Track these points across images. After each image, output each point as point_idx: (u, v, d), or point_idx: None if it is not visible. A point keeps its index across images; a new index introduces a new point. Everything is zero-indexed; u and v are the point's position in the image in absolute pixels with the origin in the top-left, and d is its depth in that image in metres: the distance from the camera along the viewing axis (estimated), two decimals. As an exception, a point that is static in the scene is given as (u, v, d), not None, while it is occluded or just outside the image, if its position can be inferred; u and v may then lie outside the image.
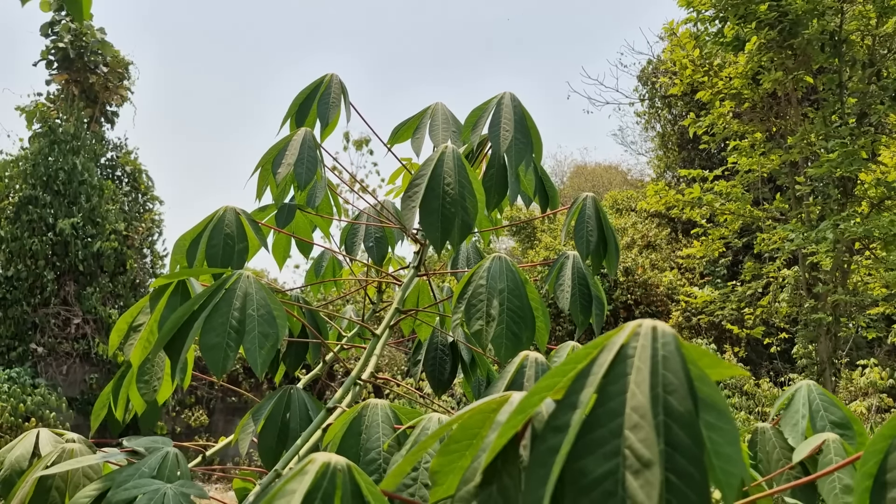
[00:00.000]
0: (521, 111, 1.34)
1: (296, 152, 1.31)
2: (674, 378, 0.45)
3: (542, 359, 0.92)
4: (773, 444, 1.05)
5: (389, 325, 1.39)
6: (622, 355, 0.48)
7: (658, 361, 0.46)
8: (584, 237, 1.35)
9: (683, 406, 0.44)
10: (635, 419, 0.44)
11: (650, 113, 14.58)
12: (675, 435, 0.43)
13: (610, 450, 0.44)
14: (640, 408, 0.44)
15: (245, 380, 10.08)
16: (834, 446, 0.89)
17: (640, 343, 0.48)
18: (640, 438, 0.43)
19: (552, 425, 0.48)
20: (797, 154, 8.23)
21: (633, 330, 0.49)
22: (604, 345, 0.50)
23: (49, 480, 1.16)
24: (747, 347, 11.00)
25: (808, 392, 1.01)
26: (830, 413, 0.99)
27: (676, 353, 0.47)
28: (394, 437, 1.03)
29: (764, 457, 1.05)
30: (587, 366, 0.49)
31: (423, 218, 1.16)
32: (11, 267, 9.90)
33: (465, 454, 0.61)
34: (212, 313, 1.06)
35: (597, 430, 0.45)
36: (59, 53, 10.88)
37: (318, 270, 1.84)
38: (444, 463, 0.62)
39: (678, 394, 0.45)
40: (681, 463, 0.42)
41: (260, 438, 1.32)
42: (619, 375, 0.47)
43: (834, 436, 0.91)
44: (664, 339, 0.48)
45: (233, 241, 1.29)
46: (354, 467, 0.63)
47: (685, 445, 0.43)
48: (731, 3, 7.83)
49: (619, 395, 0.46)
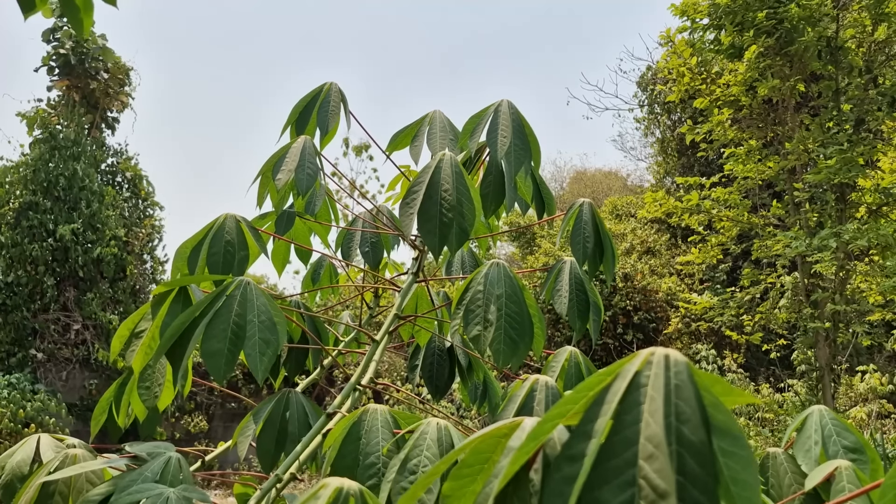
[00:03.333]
0: (519, 118, 1.35)
1: (296, 159, 1.33)
2: (686, 407, 0.46)
3: (552, 383, 0.93)
4: (785, 470, 1.05)
5: (388, 331, 1.40)
6: (635, 384, 0.48)
7: (671, 390, 0.47)
8: (580, 242, 1.37)
9: (696, 436, 0.45)
10: (650, 449, 0.44)
11: (649, 119, 14.62)
12: (688, 464, 0.43)
13: (625, 480, 0.44)
14: (654, 437, 0.45)
15: (245, 385, 10.08)
16: (847, 474, 0.89)
17: (652, 371, 0.48)
18: (656, 469, 0.43)
19: (567, 454, 0.48)
20: (794, 160, 8.25)
21: (645, 358, 0.49)
22: (617, 372, 0.50)
23: (52, 485, 1.17)
24: (747, 353, 11.00)
25: (821, 417, 1.01)
26: (843, 438, 0.99)
27: (689, 381, 0.47)
28: (393, 442, 1.05)
29: (776, 482, 1.04)
30: (600, 393, 0.50)
31: (421, 224, 1.18)
32: (11, 273, 9.91)
33: (476, 479, 0.61)
34: (213, 320, 1.08)
35: (612, 459, 0.45)
36: (60, 59, 10.91)
37: (315, 277, 1.86)
38: (456, 487, 0.62)
39: (691, 423, 0.45)
40: (692, 494, 0.43)
41: (259, 442, 1.33)
42: (633, 404, 0.47)
43: (847, 463, 0.90)
44: (676, 367, 0.48)
45: (233, 248, 1.31)
46: (366, 492, 0.64)
47: (697, 475, 0.43)
48: (727, 10, 7.87)
49: (634, 425, 0.46)
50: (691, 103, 9.59)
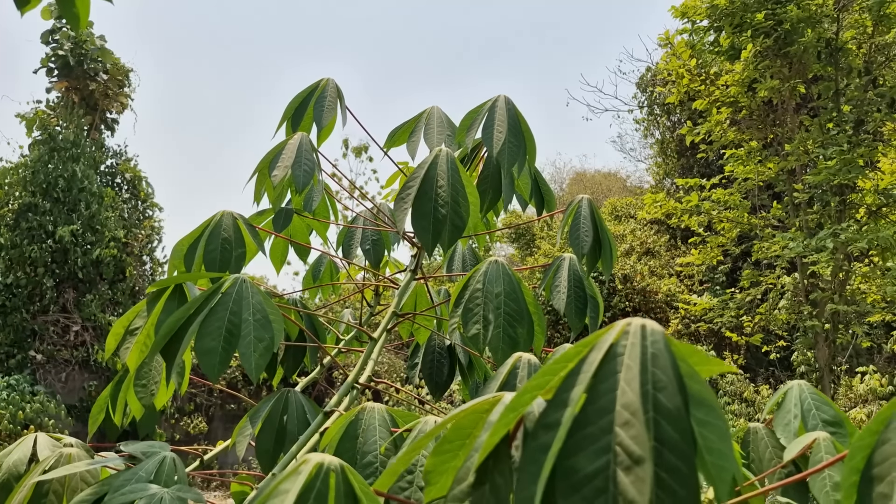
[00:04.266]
0: (515, 114, 1.35)
1: (292, 156, 1.32)
2: (663, 375, 0.46)
3: (534, 360, 0.92)
4: (766, 444, 1.05)
5: (387, 329, 1.39)
6: (612, 353, 0.48)
7: (647, 359, 0.47)
8: (579, 238, 1.36)
9: (673, 403, 0.44)
10: (626, 416, 0.44)
11: (649, 120, 14.62)
12: (665, 431, 0.43)
13: (601, 447, 0.44)
14: (630, 405, 0.45)
15: (244, 386, 10.07)
16: (825, 444, 0.89)
17: (629, 341, 0.48)
18: (631, 435, 0.43)
19: (543, 423, 0.48)
20: (794, 162, 8.25)
21: (622, 328, 0.49)
22: (594, 343, 0.50)
23: (46, 485, 1.15)
24: (746, 354, 10.99)
25: (800, 392, 1.01)
26: (822, 412, 0.99)
27: (666, 350, 0.47)
28: (390, 441, 1.04)
29: (756, 456, 1.05)
30: (577, 364, 0.50)
31: (415, 220, 1.17)
32: (11, 274, 9.90)
33: (458, 454, 0.61)
34: (208, 317, 1.07)
35: (587, 427, 0.45)
36: (59, 61, 10.91)
37: (316, 275, 1.85)
38: (438, 463, 0.62)
39: (668, 391, 0.45)
40: (670, 459, 0.42)
41: (258, 441, 1.32)
42: (610, 373, 0.47)
43: (825, 434, 0.91)
44: (653, 336, 0.48)
45: (230, 245, 1.30)
46: (348, 468, 0.64)
47: (674, 441, 0.43)
48: (726, 12, 7.87)
49: (610, 393, 0.46)
50: (690, 105, 9.59)
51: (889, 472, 0.46)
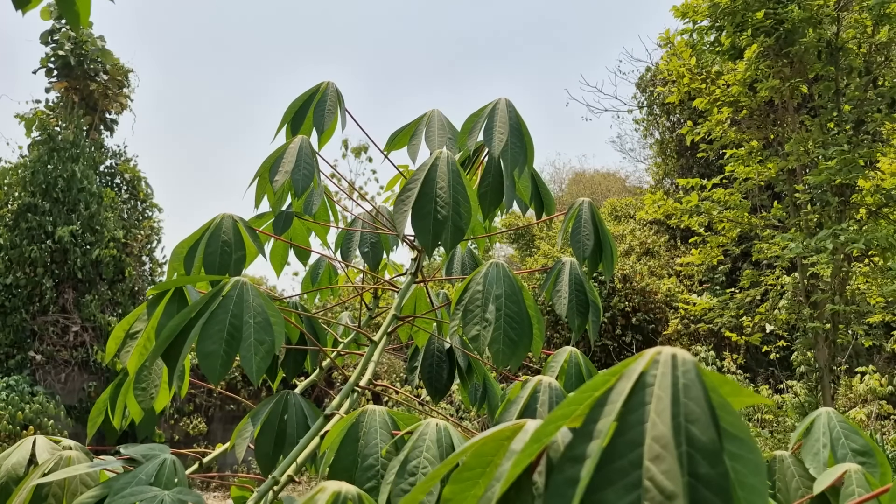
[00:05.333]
0: (517, 116, 1.34)
1: (293, 160, 1.32)
2: (696, 407, 0.44)
3: (555, 384, 0.91)
4: (793, 473, 1.03)
5: (387, 332, 1.39)
6: (641, 383, 0.47)
7: (679, 390, 0.45)
8: (580, 241, 1.36)
9: (707, 436, 0.43)
10: (657, 450, 0.43)
11: (649, 120, 14.62)
12: (699, 466, 0.42)
13: (631, 482, 0.42)
14: (661, 438, 0.43)
15: (244, 388, 10.06)
16: (856, 477, 0.87)
17: (659, 371, 0.47)
18: (663, 470, 0.42)
19: (569, 455, 0.46)
20: (794, 162, 8.24)
21: (651, 357, 0.48)
22: (622, 373, 0.49)
23: (46, 488, 1.15)
24: (746, 354, 10.99)
25: (829, 419, 1.00)
26: (851, 441, 0.98)
27: (697, 381, 0.46)
28: (392, 443, 1.03)
29: (783, 486, 1.03)
30: (604, 394, 0.48)
31: (415, 222, 1.16)
32: (10, 274, 9.89)
33: (478, 482, 0.60)
34: (208, 320, 1.06)
35: (616, 461, 0.44)
36: (58, 61, 10.90)
37: (315, 277, 1.85)
38: (457, 491, 0.61)
39: (701, 423, 0.44)
40: (705, 495, 0.41)
41: (257, 443, 1.32)
42: (639, 404, 0.46)
43: (856, 466, 0.89)
44: (684, 366, 0.47)
45: (230, 248, 1.30)
46: (365, 496, 0.63)
47: (710, 477, 0.42)
48: (727, 11, 7.87)
49: (640, 425, 0.45)
50: (691, 104, 9.59)
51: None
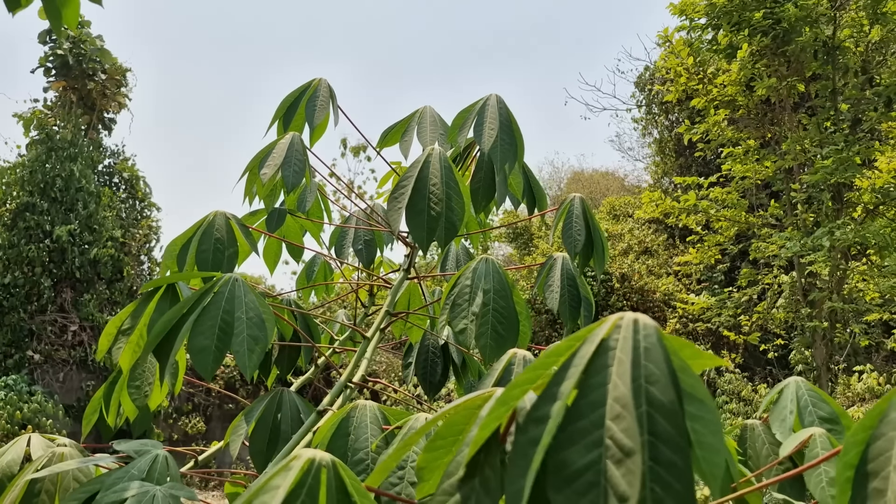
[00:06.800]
0: (507, 112, 1.35)
1: (282, 155, 1.32)
2: (656, 369, 0.45)
3: (529, 356, 0.92)
4: (763, 441, 1.05)
5: (380, 328, 1.39)
6: (604, 347, 0.48)
7: (640, 353, 0.46)
8: (571, 236, 1.37)
9: (666, 396, 0.44)
10: (617, 409, 0.44)
11: (647, 119, 14.62)
12: (659, 425, 0.43)
13: (592, 440, 0.44)
14: (622, 398, 0.44)
15: (242, 386, 10.06)
16: (821, 440, 0.89)
17: (621, 335, 0.48)
18: (623, 428, 0.43)
19: (533, 416, 0.48)
20: (791, 160, 8.25)
21: (614, 322, 0.49)
22: (585, 337, 0.50)
23: (38, 484, 1.15)
24: (744, 353, 11.00)
25: (797, 388, 1.01)
26: (818, 408, 0.98)
27: (658, 344, 0.47)
28: (382, 438, 1.04)
29: (753, 453, 1.05)
30: (569, 358, 0.49)
31: (410, 219, 1.17)
32: (8, 274, 9.89)
33: (450, 450, 0.61)
34: (201, 316, 1.07)
35: (579, 420, 0.45)
36: (56, 60, 10.90)
37: (310, 275, 1.85)
38: (430, 459, 0.62)
39: (661, 384, 0.45)
40: (665, 452, 0.42)
41: (251, 441, 1.32)
42: (601, 367, 0.47)
43: (821, 430, 0.90)
44: (646, 330, 0.48)
45: (223, 245, 1.30)
46: (339, 463, 0.64)
47: (669, 435, 0.43)
48: (724, 10, 7.87)
49: (601, 387, 0.46)
50: (689, 103, 9.60)
51: (883, 467, 0.45)
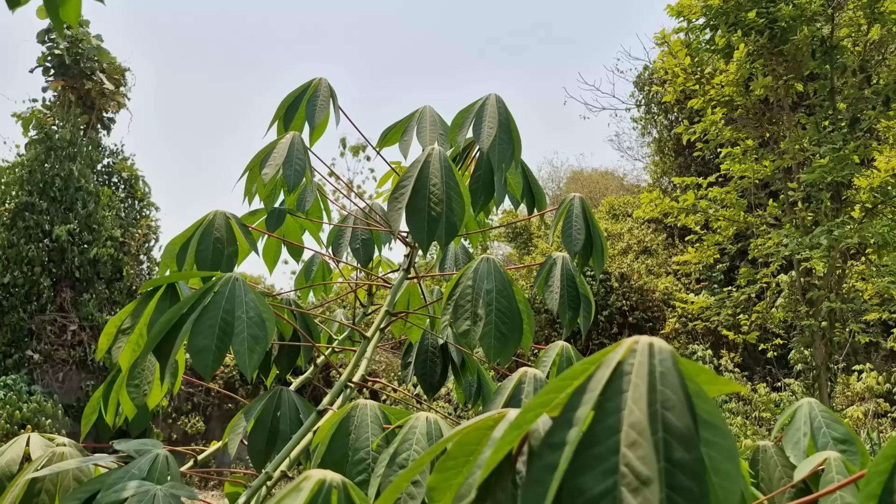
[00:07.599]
0: (506, 112, 1.35)
1: (283, 154, 1.32)
2: (672, 394, 0.45)
3: (540, 375, 0.92)
4: (776, 463, 1.04)
5: (380, 328, 1.40)
6: (619, 372, 0.48)
7: (656, 378, 0.46)
8: (571, 236, 1.37)
9: (682, 422, 0.44)
10: (633, 436, 0.44)
11: (646, 119, 14.63)
12: (675, 451, 0.43)
13: (608, 467, 0.43)
14: (637, 424, 0.44)
15: (241, 386, 10.06)
16: (835, 464, 0.88)
17: (637, 360, 0.48)
18: (639, 456, 0.43)
19: (549, 442, 0.47)
20: (790, 160, 8.25)
21: (629, 346, 0.49)
22: (600, 361, 0.49)
23: (38, 483, 1.16)
24: (743, 353, 11.01)
25: (810, 409, 1.00)
26: (832, 430, 0.98)
27: (674, 369, 0.47)
28: (382, 437, 1.04)
29: (766, 475, 1.04)
30: (584, 382, 0.49)
31: (410, 218, 1.17)
32: (7, 274, 9.88)
33: (461, 471, 0.60)
34: (200, 316, 1.07)
35: (594, 447, 0.45)
36: (55, 60, 10.89)
37: (308, 274, 1.85)
38: (441, 480, 0.61)
39: (677, 410, 0.45)
40: (681, 480, 0.42)
41: (250, 439, 1.33)
42: (617, 392, 0.47)
43: (835, 454, 0.90)
44: (661, 355, 0.48)
45: (222, 244, 1.30)
46: (350, 484, 0.64)
47: (685, 462, 0.42)
48: (721, 11, 7.87)
49: (617, 412, 0.45)
50: (687, 103, 9.60)
51: (907, 497, 0.45)
